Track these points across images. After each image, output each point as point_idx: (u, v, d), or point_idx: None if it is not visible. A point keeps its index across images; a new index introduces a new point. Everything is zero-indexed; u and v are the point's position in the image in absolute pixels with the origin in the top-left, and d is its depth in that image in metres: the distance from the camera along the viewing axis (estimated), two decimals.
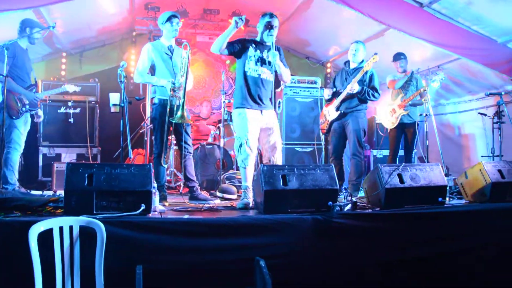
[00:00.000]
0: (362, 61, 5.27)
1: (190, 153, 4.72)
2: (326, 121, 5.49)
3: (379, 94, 5.23)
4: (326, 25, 7.20)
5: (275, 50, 4.41)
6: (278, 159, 4.49)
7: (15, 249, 2.76)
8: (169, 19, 4.60)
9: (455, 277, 3.61)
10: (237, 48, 4.41)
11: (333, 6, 5.60)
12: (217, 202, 4.63)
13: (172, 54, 4.66)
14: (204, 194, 4.78)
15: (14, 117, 4.91)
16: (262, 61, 4.41)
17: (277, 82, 4.59)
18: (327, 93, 5.55)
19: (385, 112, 6.21)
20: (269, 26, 4.40)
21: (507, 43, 5.65)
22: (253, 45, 4.45)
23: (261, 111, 4.40)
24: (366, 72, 5.12)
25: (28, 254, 2.45)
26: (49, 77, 7.10)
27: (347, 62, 5.47)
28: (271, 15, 4.43)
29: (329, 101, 5.50)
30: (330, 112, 5.38)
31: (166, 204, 4.32)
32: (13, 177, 4.90)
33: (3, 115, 4.66)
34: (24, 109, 4.99)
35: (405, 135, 6.06)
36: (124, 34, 8.17)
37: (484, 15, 5.30)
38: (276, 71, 4.45)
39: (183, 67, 4.48)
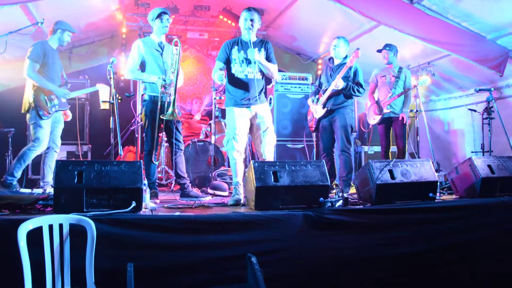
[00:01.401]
0: (346, 56, 5.27)
1: (181, 150, 4.70)
2: (313, 119, 5.49)
3: (364, 90, 5.22)
4: (316, 22, 7.19)
5: (263, 45, 4.47)
6: (270, 155, 4.48)
7: (3, 248, 2.73)
8: (159, 16, 4.57)
9: (446, 271, 3.64)
10: (225, 58, 4.46)
11: (323, 2, 5.59)
12: (208, 199, 4.62)
13: (162, 51, 4.64)
14: (195, 191, 4.77)
15: (44, 117, 4.85)
16: (247, 61, 4.42)
17: (268, 78, 4.59)
18: (309, 103, 5.56)
19: (371, 108, 6.17)
20: (246, 21, 4.38)
21: (496, 40, 5.69)
22: (236, 46, 4.46)
23: (249, 107, 4.40)
24: (350, 68, 5.12)
25: (17, 253, 2.43)
26: None
27: (331, 59, 5.45)
28: (248, 9, 4.42)
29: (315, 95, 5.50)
30: (317, 110, 5.37)
31: (157, 201, 4.30)
32: (19, 172, 4.87)
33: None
34: (53, 109, 4.95)
35: (393, 129, 5.96)
36: (114, 30, 8.09)
37: (473, 12, 5.33)
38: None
39: (174, 63, 4.46)
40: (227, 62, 4.48)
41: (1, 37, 4.82)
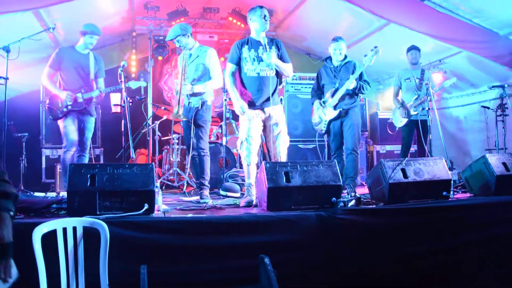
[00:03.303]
0: (345, 56, 5.26)
1: (198, 156, 4.70)
2: (322, 122, 5.41)
3: (370, 86, 5.22)
4: (326, 21, 7.17)
5: (274, 43, 4.46)
6: (283, 156, 4.47)
7: (19, 251, 2.75)
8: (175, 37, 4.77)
9: (461, 271, 3.59)
10: (237, 58, 4.46)
11: (332, 2, 5.57)
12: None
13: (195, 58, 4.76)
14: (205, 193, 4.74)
15: (55, 117, 5.07)
16: (259, 59, 4.40)
17: (280, 76, 4.57)
18: (316, 106, 5.45)
19: (397, 111, 6.11)
20: (265, 16, 4.37)
21: (509, 35, 5.61)
22: (246, 45, 4.45)
23: (263, 109, 4.39)
24: (354, 67, 5.11)
25: (32, 255, 2.45)
26: None
27: (328, 59, 5.42)
28: (261, 6, 4.40)
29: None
30: (326, 113, 5.30)
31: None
32: None
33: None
34: (65, 109, 5.05)
35: (418, 130, 5.94)
36: (124, 34, 8.16)
37: (484, 8, 5.26)
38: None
39: (182, 69, 4.56)
40: (238, 62, 4.47)
41: (14, 43, 4.89)
